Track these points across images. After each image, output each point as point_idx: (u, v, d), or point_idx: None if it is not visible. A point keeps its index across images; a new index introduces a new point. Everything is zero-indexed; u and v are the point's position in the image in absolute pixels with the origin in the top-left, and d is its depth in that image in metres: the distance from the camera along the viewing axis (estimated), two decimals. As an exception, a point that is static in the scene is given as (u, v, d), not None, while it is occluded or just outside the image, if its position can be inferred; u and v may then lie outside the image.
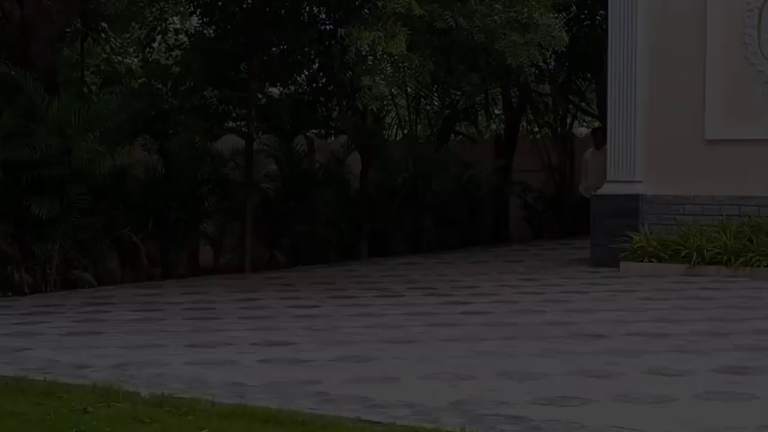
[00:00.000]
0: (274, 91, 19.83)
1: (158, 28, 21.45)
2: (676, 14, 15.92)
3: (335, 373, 8.27)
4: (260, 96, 18.23)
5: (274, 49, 18.18)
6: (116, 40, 23.48)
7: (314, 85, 19.91)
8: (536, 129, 25.38)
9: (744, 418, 6.67)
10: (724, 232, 15.06)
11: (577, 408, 6.99)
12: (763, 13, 15.30)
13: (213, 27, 18.43)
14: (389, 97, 21.82)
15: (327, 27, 19.08)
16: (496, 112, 27.64)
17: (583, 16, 23.32)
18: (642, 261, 15.45)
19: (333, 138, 21.25)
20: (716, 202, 15.56)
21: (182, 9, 20.15)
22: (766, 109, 15.29)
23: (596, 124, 24.74)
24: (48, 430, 6.58)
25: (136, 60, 23.10)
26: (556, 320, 11.05)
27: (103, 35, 22.38)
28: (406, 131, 22.75)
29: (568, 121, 25.43)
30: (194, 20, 19.88)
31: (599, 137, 17.98)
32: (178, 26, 22.88)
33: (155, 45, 22.21)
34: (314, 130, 21.16)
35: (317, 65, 19.24)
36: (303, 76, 19.81)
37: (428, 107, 23.18)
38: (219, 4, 17.88)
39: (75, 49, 21.56)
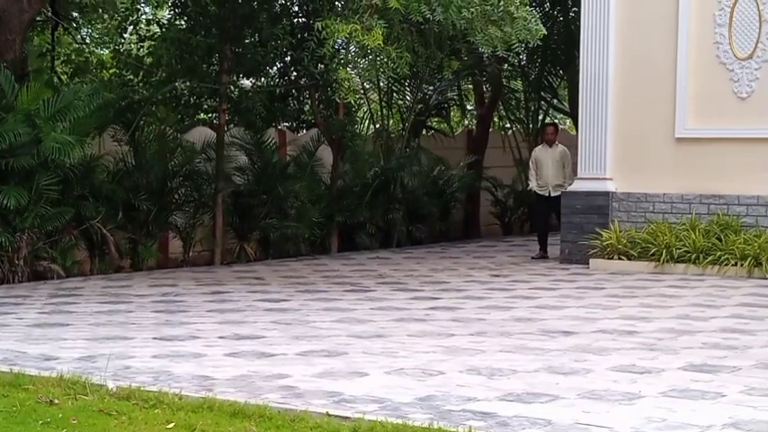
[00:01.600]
0: (246, 83, 19.78)
1: (130, 18, 21.37)
2: (648, 12, 15.98)
3: (304, 368, 8.25)
4: (231, 88, 18.18)
5: (247, 40, 18.12)
6: (88, 29, 23.38)
7: (286, 77, 19.86)
8: (507, 125, 25.39)
9: (710, 415, 6.70)
10: (693, 230, 15.15)
11: (545, 404, 7.00)
12: (734, 12, 15.38)
13: (185, 18, 18.36)
14: (362, 91, 21.80)
15: (300, 19, 19.06)
16: (468, 107, 27.67)
17: (556, 12, 23.37)
18: (611, 258, 15.53)
19: (304, 131, 21.22)
20: (685, 200, 15.64)
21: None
22: (736, 108, 15.38)
23: (567, 121, 24.79)
24: (14, 422, 6.54)
25: (107, 51, 23.01)
26: (524, 317, 11.08)
27: (74, 24, 22.28)
28: (377, 126, 22.72)
29: (540, 117, 25.47)
30: (166, 11, 19.82)
31: (551, 132, 17.83)
32: (150, 17, 22.81)
33: (126, 36, 22.13)
34: (285, 123, 21.12)
35: (288, 57, 19.19)
36: (275, 68, 19.76)
37: (400, 101, 23.17)
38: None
39: (45, 39, 21.44)
